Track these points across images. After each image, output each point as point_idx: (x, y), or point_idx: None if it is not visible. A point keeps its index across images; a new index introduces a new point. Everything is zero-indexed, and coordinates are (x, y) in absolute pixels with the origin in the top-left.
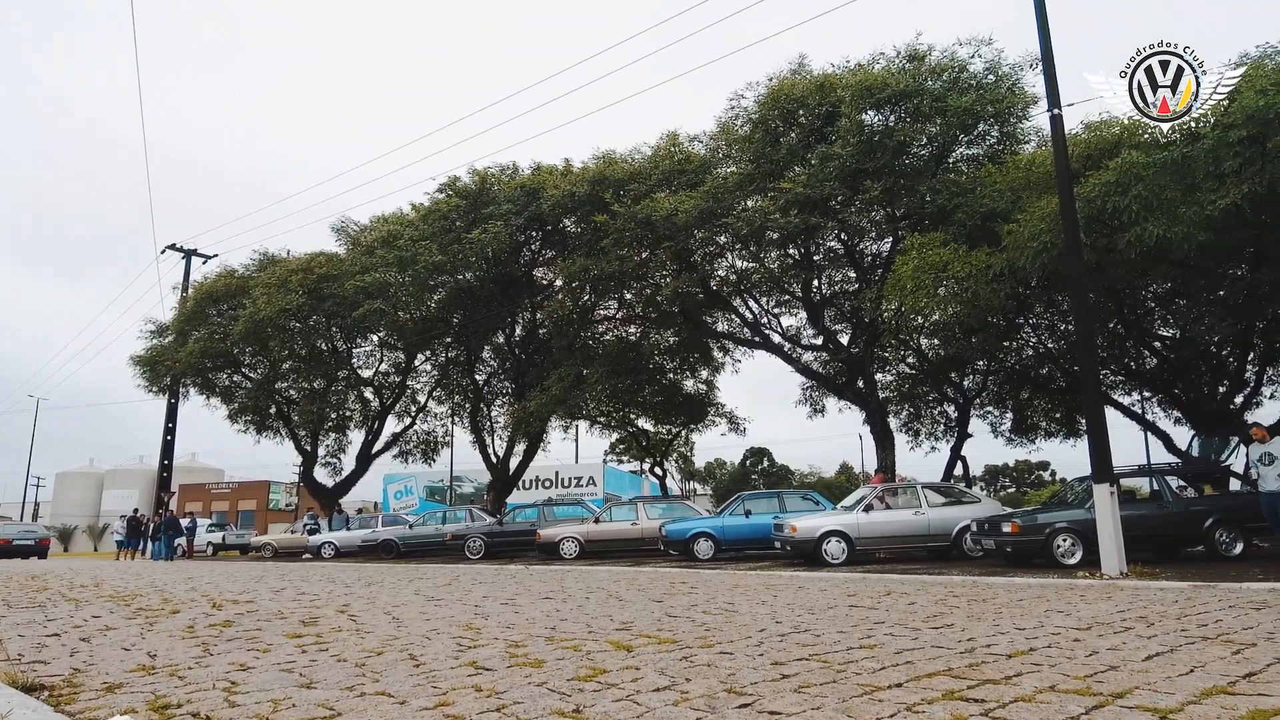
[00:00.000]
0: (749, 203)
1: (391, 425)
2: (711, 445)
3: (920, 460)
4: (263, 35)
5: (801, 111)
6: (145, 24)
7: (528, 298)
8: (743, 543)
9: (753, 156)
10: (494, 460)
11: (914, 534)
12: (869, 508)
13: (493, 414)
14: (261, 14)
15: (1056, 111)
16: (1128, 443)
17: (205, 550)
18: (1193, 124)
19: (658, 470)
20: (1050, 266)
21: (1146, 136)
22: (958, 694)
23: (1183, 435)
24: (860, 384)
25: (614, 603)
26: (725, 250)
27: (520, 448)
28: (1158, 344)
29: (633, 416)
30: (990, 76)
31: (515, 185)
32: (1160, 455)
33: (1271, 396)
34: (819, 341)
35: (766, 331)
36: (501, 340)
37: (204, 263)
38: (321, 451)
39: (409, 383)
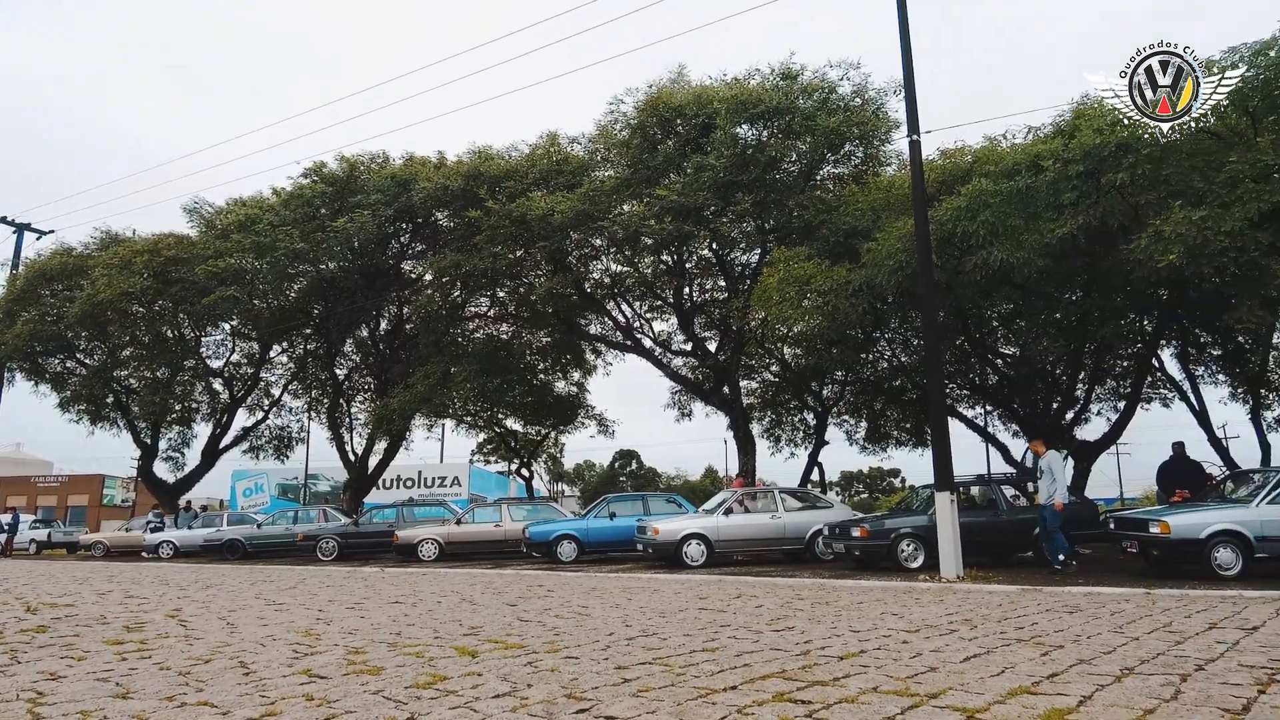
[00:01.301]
0: (625, 207)
1: (242, 419)
2: (581, 447)
3: (780, 465)
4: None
5: (679, 121)
6: None
7: (395, 291)
8: (607, 545)
9: (630, 161)
10: (352, 458)
11: (770, 537)
12: (729, 511)
13: (353, 410)
14: None
15: (915, 138)
16: (970, 453)
17: (28, 548)
18: (1036, 158)
19: (524, 471)
20: (905, 284)
21: (994, 167)
22: (787, 696)
23: (1019, 447)
24: (726, 390)
25: (466, 607)
26: (600, 253)
27: (381, 446)
28: (999, 361)
29: (501, 416)
30: (857, 100)
31: (386, 175)
32: (999, 466)
33: (1098, 413)
34: (689, 347)
35: (638, 336)
36: (365, 334)
37: (38, 238)
38: (163, 445)
39: (263, 375)
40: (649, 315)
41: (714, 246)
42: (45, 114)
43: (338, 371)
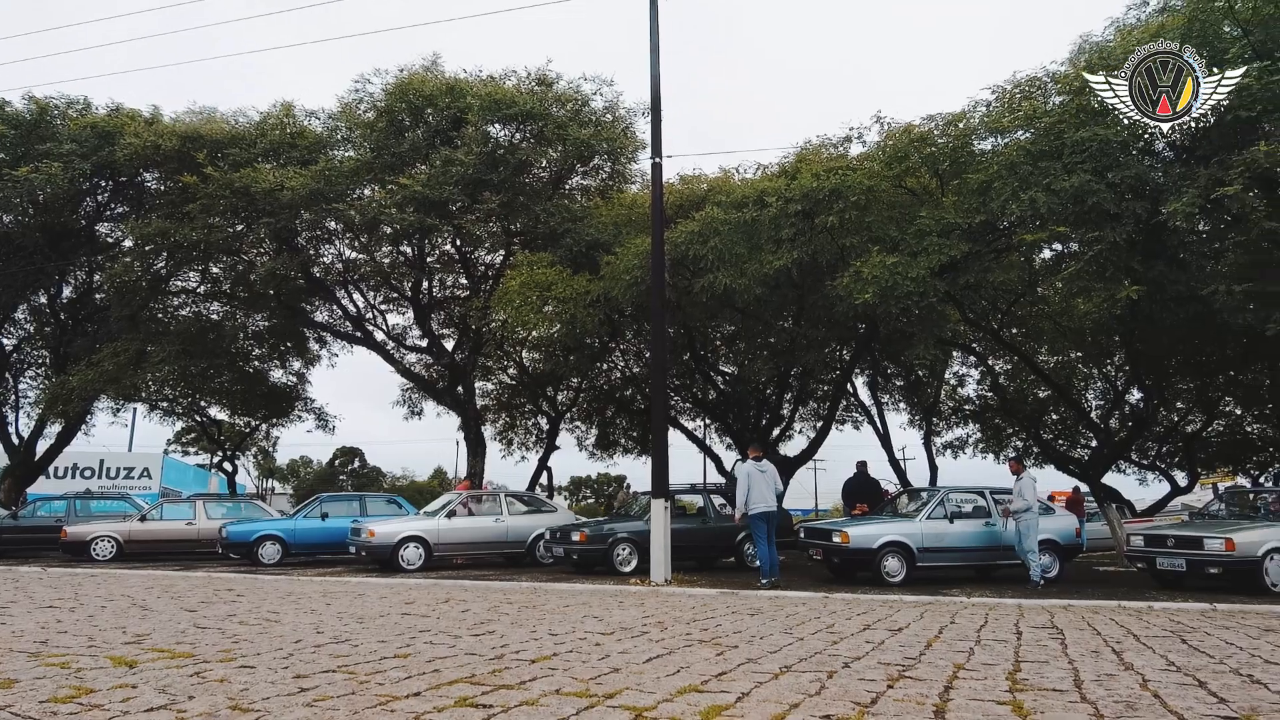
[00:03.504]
0: (365, 191)
1: None
2: (299, 442)
3: (511, 468)
4: None
5: (430, 110)
6: None
7: (85, 255)
8: (316, 547)
9: (374, 145)
10: (16, 441)
11: (492, 540)
12: (452, 514)
13: (20, 386)
14: None
15: (658, 160)
16: (690, 463)
17: None
18: (762, 194)
19: (228, 465)
20: (639, 299)
21: (726, 198)
22: (470, 700)
23: (732, 459)
24: (460, 390)
25: (136, 612)
26: (334, 237)
27: (55, 429)
28: (719, 379)
29: (205, 404)
30: (609, 116)
31: (85, 124)
32: (715, 476)
33: (800, 431)
34: (424, 344)
35: (370, 328)
36: (43, 301)
37: None
38: None
39: None
40: (383, 307)
41: (457, 243)
42: None
43: (4, 341)
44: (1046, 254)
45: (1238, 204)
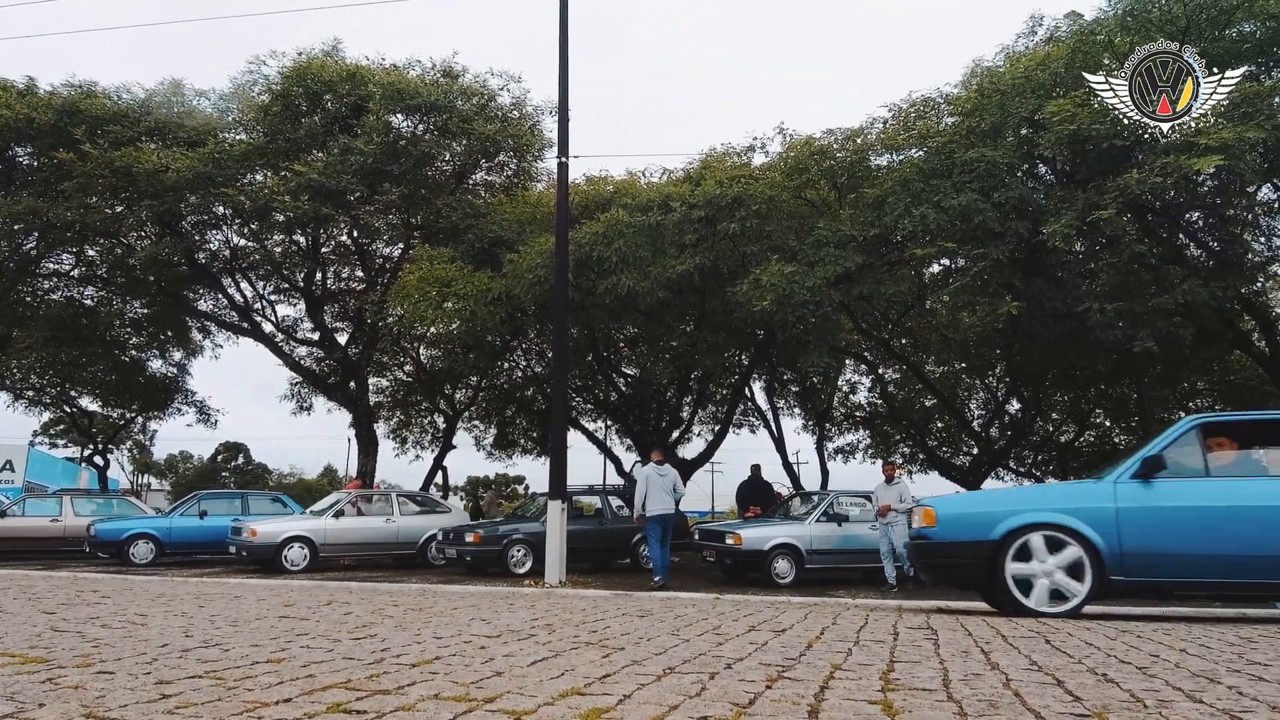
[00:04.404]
0: (257, 177)
1: None
2: (178, 436)
3: (405, 467)
4: None
5: (329, 96)
6: None
7: None
8: (194, 546)
9: (268, 129)
10: None
11: (382, 541)
12: (340, 513)
13: None
14: None
15: (564, 160)
16: (590, 464)
17: None
18: (667, 198)
19: (99, 459)
20: (542, 299)
21: (632, 200)
22: (343, 706)
23: (631, 460)
24: (353, 386)
25: None
26: (221, 223)
27: None
28: (621, 380)
29: (75, 394)
30: (515, 112)
31: None
32: (614, 478)
33: (699, 434)
34: (316, 337)
35: (258, 319)
36: None
37: None
38: None
39: None
40: (273, 297)
41: (354, 234)
42: None
43: None
44: (935, 268)
45: (1111, 227)
